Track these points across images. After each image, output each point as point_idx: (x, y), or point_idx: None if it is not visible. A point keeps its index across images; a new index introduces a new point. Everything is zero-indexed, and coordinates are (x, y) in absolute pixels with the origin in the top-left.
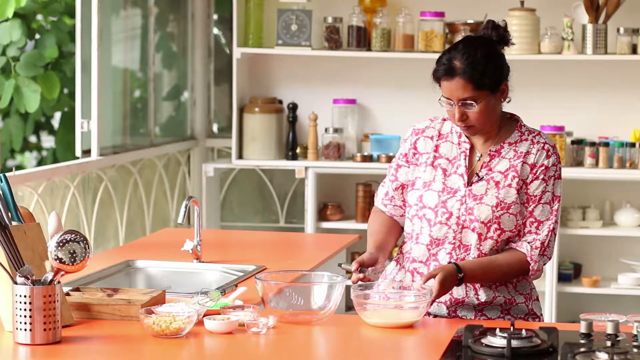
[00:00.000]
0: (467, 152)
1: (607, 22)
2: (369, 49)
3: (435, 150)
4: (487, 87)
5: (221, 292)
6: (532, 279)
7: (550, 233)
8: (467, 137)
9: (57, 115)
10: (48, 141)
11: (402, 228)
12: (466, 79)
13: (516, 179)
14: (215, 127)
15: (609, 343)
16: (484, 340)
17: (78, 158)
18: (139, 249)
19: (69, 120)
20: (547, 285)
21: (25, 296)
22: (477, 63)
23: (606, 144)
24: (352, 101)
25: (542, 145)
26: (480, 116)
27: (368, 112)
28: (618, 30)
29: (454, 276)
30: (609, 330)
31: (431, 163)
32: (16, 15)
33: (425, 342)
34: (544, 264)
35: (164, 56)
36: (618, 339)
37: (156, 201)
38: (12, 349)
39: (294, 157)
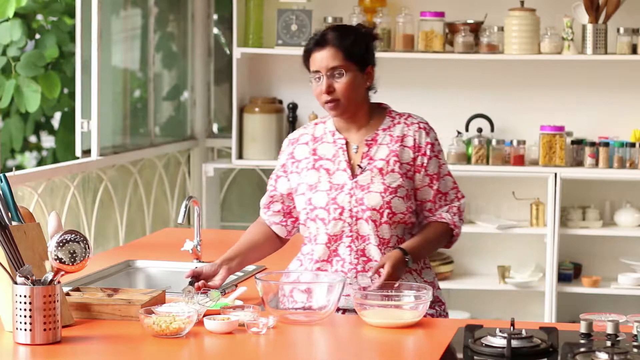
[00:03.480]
0: (344, 146)
1: (607, 22)
2: None
3: (314, 154)
4: (356, 59)
5: (221, 292)
6: (451, 246)
7: (462, 199)
8: (339, 132)
9: (57, 115)
10: (48, 141)
11: (280, 239)
12: (337, 47)
13: (398, 164)
14: (215, 127)
15: (609, 343)
16: (484, 340)
17: (78, 158)
18: (139, 249)
19: (69, 120)
20: (547, 285)
21: (25, 296)
22: (348, 35)
23: (606, 144)
24: None
25: (417, 125)
26: (347, 88)
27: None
28: (618, 30)
29: (401, 260)
30: (609, 330)
31: (312, 166)
32: (16, 15)
33: (425, 342)
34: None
35: (164, 56)
36: (618, 339)
37: (156, 201)
38: (12, 349)
39: None
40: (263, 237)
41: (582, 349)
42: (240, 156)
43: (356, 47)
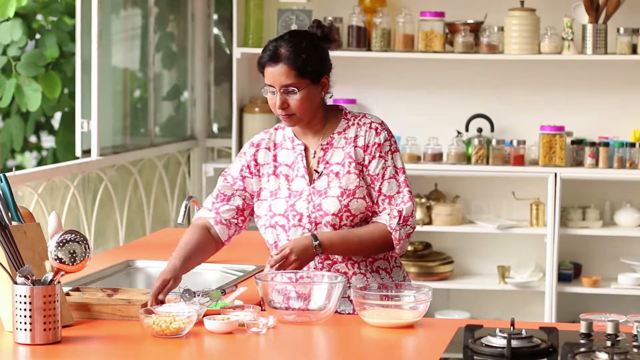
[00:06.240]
0: (303, 152)
1: (607, 22)
2: (369, 49)
3: (275, 160)
4: (309, 75)
5: (221, 292)
6: (398, 251)
7: (407, 203)
8: (297, 137)
9: (58, 115)
10: (48, 141)
11: (216, 244)
12: (289, 65)
13: (353, 164)
14: (215, 127)
15: (609, 343)
16: (484, 340)
17: (78, 158)
18: (139, 249)
19: (69, 120)
20: (547, 285)
21: (25, 296)
22: (301, 51)
23: (606, 144)
24: (352, 101)
25: (369, 125)
26: (301, 104)
27: (368, 112)
28: (618, 30)
29: (308, 246)
30: (609, 330)
31: (273, 172)
32: (17, 15)
33: (425, 342)
34: (407, 235)
35: (164, 56)
36: (618, 339)
37: (156, 201)
38: (12, 349)
39: None
40: (203, 241)
41: (582, 349)
42: None
43: (309, 62)
